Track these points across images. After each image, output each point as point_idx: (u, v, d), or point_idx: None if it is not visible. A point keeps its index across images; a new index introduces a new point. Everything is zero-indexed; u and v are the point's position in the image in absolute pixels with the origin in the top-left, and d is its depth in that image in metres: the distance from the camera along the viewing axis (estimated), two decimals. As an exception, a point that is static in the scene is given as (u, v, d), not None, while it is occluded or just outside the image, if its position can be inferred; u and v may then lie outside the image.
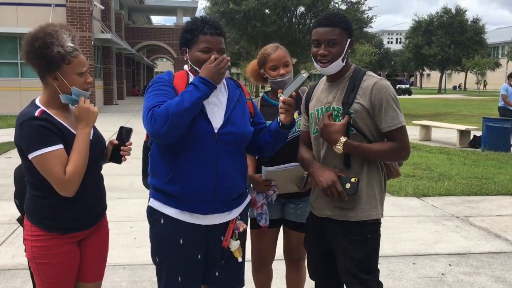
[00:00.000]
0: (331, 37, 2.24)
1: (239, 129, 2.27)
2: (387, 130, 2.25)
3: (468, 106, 28.47)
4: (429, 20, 56.60)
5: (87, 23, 18.81)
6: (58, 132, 2.07)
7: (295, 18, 25.21)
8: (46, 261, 2.15)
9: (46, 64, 2.05)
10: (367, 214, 2.31)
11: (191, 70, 2.29)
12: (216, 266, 2.36)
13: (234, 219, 2.34)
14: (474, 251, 4.66)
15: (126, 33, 31.98)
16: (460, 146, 11.77)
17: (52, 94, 2.13)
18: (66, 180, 2.04)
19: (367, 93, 2.25)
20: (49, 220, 2.14)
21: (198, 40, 2.21)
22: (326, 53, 2.25)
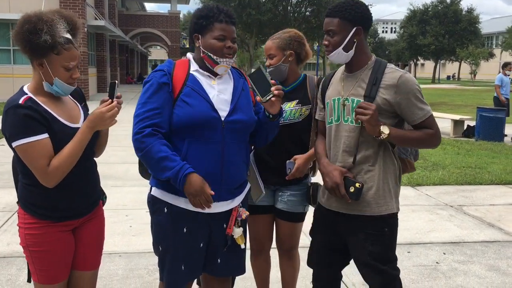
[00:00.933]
0: (329, 27, 2.30)
1: (245, 117, 2.28)
2: (417, 122, 2.27)
3: (462, 96, 28.57)
4: (424, 10, 56.56)
5: (80, 9, 18.60)
6: (43, 121, 2.03)
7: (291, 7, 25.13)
8: (40, 249, 2.14)
9: (30, 49, 2.01)
10: (382, 209, 2.31)
11: (204, 56, 2.24)
12: (218, 254, 2.37)
13: (236, 207, 2.35)
14: (468, 240, 4.70)
15: (119, 20, 31.68)
16: (454, 136, 11.83)
17: (38, 80, 2.09)
18: (48, 172, 2.02)
19: (392, 87, 2.25)
20: (42, 208, 2.13)
21: (213, 27, 2.21)
22: (327, 43, 2.31)
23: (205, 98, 2.20)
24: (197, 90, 2.21)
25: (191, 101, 2.18)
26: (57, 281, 2.21)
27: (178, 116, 2.17)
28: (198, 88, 2.22)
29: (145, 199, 2.31)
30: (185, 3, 37.72)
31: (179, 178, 2.09)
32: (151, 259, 3.98)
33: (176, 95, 2.19)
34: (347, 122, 2.32)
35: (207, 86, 2.25)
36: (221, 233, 2.34)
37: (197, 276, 2.39)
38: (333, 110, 2.38)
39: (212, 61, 2.23)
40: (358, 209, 2.31)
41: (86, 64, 19.39)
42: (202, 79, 2.26)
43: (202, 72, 2.27)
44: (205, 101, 2.19)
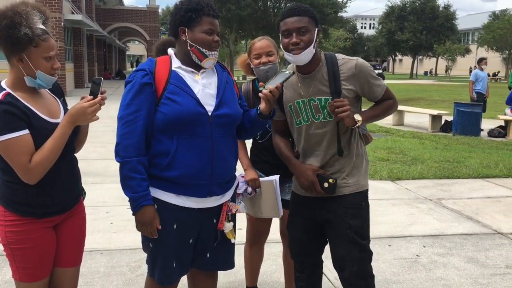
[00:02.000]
0: (301, 25, 2.29)
1: (232, 110, 2.28)
2: (380, 97, 2.47)
3: (439, 91, 29.00)
4: (402, 6, 57.23)
5: (56, 3, 18.26)
6: (24, 117, 1.99)
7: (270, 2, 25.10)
8: (21, 246, 2.10)
9: (11, 45, 1.96)
10: (359, 186, 2.45)
11: (193, 49, 2.21)
12: (207, 248, 2.37)
13: (226, 202, 2.35)
14: (447, 232, 4.78)
15: (97, 15, 31.23)
16: (432, 131, 12.02)
17: (17, 75, 2.04)
18: (29, 169, 1.98)
19: (352, 77, 2.36)
20: (24, 205, 2.08)
21: (201, 21, 2.19)
22: (298, 41, 2.28)
23: (190, 94, 2.18)
24: (181, 87, 2.18)
25: (177, 98, 2.15)
26: (39, 278, 2.17)
27: (165, 114, 2.15)
28: (182, 84, 2.20)
29: (125, 195, 2.29)
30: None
31: (137, 204, 2.15)
32: (133, 255, 3.94)
33: (160, 94, 2.17)
34: (319, 119, 2.39)
35: (191, 81, 2.23)
36: (211, 228, 2.33)
37: (187, 271, 2.38)
38: (300, 111, 2.43)
39: (201, 54, 2.21)
40: (337, 191, 2.41)
41: (63, 59, 19.06)
42: (185, 74, 2.24)
43: (184, 68, 2.25)
44: (190, 97, 2.17)
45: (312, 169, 2.40)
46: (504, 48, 49.80)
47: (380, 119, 2.58)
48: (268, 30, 25.50)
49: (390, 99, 2.51)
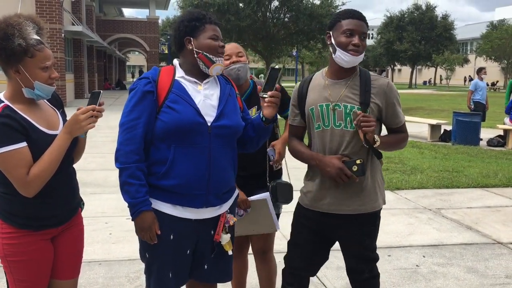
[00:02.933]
0: (365, 30, 2.37)
1: (232, 122, 2.28)
2: (400, 125, 2.49)
3: (438, 101, 29.07)
4: (400, 16, 57.48)
5: (57, 14, 18.37)
6: (22, 129, 1.98)
7: (269, 13, 25.24)
8: (19, 259, 2.09)
9: (5, 57, 1.96)
10: (375, 205, 2.47)
11: (201, 55, 2.23)
12: (205, 260, 2.36)
13: (224, 213, 2.34)
14: (446, 242, 4.77)
15: (97, 26, 31.39)
16: (431, 140, 12.02)
17: (15, 88, 2.04)
18: (27, 182, 1.98)
19: (382, 93, 2.41)
20: (21, 217, 2.08)
21: (205, 28, 2.25)
22: (360, 44, 2.34)
23: (190, 103, 2.19)
24: (182, 96, 2.20)
25: (177, 107, 2.17)
26: None
27: (164, 122, 2.16)
28: (183, 93, 2.21)
29: (124, 206, 2.30)
30: (164, 9, 37.59)
31: (136, 210, 2.15)
32: (132, 266, 3.93)
33: (161, 102, 2.19)
34: (340, 127, 2.39)
35: (193, 91, 2.24)
36: (208, 239, 2.33)
37: (184, 283, 2.37)
38: (321, 115, 2.43)
39: (208, 60, 2.24)
40: (352, 208, 2.42)
41: (63, 70, 19.12)
42: (187, 84, 2.25)
43: (188, 78, 2.26)
44: (190, 107, 2.18)
45: (336, 157, 2.37)
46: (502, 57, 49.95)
47: (391, 149, 2.58)
48: (268, 41, 25.62)
49: (405, 133, 2.53)
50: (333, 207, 2.44)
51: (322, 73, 2.52)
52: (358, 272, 2.52)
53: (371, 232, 2.50)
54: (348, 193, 2.41)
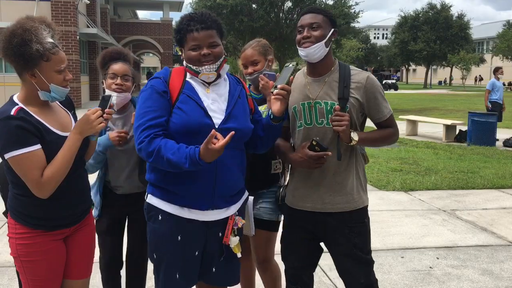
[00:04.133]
0: (314, 21, 2.34)
1: (240, 125, 2.25)
2: (384, 119, 2.44)
3: (454, 101, 28.75)
4: (415, 16, 56.99)
5: (72, 17, 18.59)
6: (36, 132, 2.01)
7: (283, 13, 25.20)
8: (32, 259, 2.12)
9: (23, 62, 1.98)
10: (360, 202, 2.45)
11: (187, 69, 2.25)
12: (214, 262, 2.35)
13: (232, 215, 2.33)
14: (461, 244, 4.71)
15: (112, 28, 31.67)
16: (446, 141, 11.89)
17: (30, 91, 2.06)
18: (42, 183, 2.00)
19: (361, 87, 2.39)
20: (35, 218, 2.10)
21: (186, 39, 2.20)
22: (309, 35, 2.33)
23: (199, 104, 2.19)
24: (192, 97, 2.20)
25: (186, 108, 2.17)
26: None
27: (174, 123, 2.16)
28: (193, 94, 2.21)
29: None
30: (178, 11, 37.79)
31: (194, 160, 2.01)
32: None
33: (173, 102, 2.18)
34: (322, 124, 2.39)
35: (201, 93, 2.24)
36: (216, 242, 2.32)
37: (192, 285, 2.37)
38: (303, 113, 2.42)
39: (194, 72, 2.23)
40: (338, 206, 2.40)
41: (78, 72, 19.33)
42: (197, 86, 2.26)
43: (197, 80, 2.26)
44: (199, 108, 2.18)
45: (301, 148, 2.35)
46: (519, 57, 49.25)
47: (377, 145, 2.57)
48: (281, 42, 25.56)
49: (392, 127, 2.49)
50: (318, 205, 2.43)
51: (303, 71, 2.51)
52: (353, 277, 2.44)
53: (360, 230, 2.44)
54: (331, 191, 2.40)
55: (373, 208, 5.91)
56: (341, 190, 2.40)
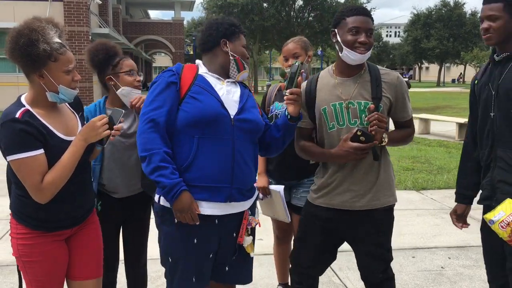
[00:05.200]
0: (370, 26, 2.33)
1: (253, 117, 2.30)
2: (407, 119, 2.51)
3: (467, 99, 28.33)
4: (428, 13, 56.50)
5: (84, 17, 18.72)
6: (39, 136, 1.98)
7: (294, 12, 25.17)
8: (32, 259, 2.11)
9: (31, 62, 1.96)
10: (390, 200, 2.46)
11: (238, 58, 2.34)
12: (227, 262, 2.35)
13: (246, 215, 2.33)
14: (473, 244, 4.66)
15: (123, 28, 31.85)
16: (459, 139, 11.76)
17: (38, 92, 2.04)
18: (41, 188, 1.98)
19: (393, 87, 2.41)
20: (34, 219, 2.09)
21: (240, 36, 2.37)
22: (367, 41, 2.31)
23: (214, 95, 2.22)
24: (206, 88, 2.23)
25: (200, 98, 2.19)
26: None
27: (187, 112, 2.17)
28: (206, 86, 2.24)
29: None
30: (189, 10, 37.87)
31: (175, 190, 2.09)
32: (153, 266, 3.95)
33: (184, 93, 2.20)
34: (355, 124, 2.37)
35: (216, 85, 2.28)
36: (230, 241, 2.32)
37: (206, 286, 2.36)
38: (335, 115, 2.39)
39: (242, 65, 2.35)
40: (366, 203, 2.39)
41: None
42: (211, 79, 2.30)
43: (211, 74, 2.31)
44: (214, 98, 2.21)
45: (342, 141, 2.33)
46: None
47: (398, 145, 2.58)
48: (292, 40, 25.56)
49: (411, 128, 2.55)
50: (347, 203, 2.41)
51: (329, 71, 2.49)
52: (372, 272, 2.48)
53: (386, 229, 2.49)
54: (361, 188, 2.39)
55: (384, 207, 5.89)
56: (372, 188, 2.41)
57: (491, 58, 2.42)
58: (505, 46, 2.32)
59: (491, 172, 2.37)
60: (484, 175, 2.45)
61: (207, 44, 2.34)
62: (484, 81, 2.42)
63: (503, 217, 2.14)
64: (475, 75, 2.58)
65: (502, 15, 2.27)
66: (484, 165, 2.44)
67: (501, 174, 2.31)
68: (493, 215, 2.18)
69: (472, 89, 2.54)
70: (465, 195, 2.63)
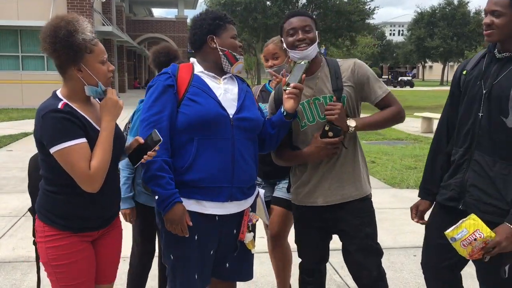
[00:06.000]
0: (306, 23, 2.39)
1: (252, 115, 2.30)
2: (380, 99, 2.45)
3: (471, 98, 28.33)
4: (432, 12, 56.45)
5: (87, 15, 18.74)
6: (82, 126, 1.97)
7: (297, 10, 25.16)
8: (64, 262, 2.03)
9: (72, 54, 1.93)
10: (367, 189, 2.50)
11: (227, 52, 2.30)
12: (227, 258, 2.36)
13: (247, 211, 2.34)
14: (475, 243, 4.63)
15: (127, 26, 31.90)
16: (462, 138, 11.73)
17: (74, 86, 2.01)
18: (91, 175, 1.93)
19: (350, 73, 2.44)
20: (62, 218, 2.03)
21: (227, 27, 2.32)
22: (304, 37, 2.37)
23: (211, 96, 2.21)
24: (203, 89, 2.22)
25: (198, 99, 2.18)
26: None
27: (186, 114, 2.16)
28: (204, 87, 2.23)
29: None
30: (192, 8, 37.88)
31: (169, 202, 2.11)
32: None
33: (182, 95, 2.19)
34: (325, 119, 2.38)
35: (213, 85, 2.27)
36: (231, 238, 2.33)
37: (207, 283, 2.35)
38: (304, 112, 2.45)
39: (233, 58, 2.32)
40: (346, 196, 2.43)
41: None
42: (207, 78, 2.28)
43: (207, 73, 2.29)
44: (212, 99, 2.20)
45: (313, 139, 2.38)
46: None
47: (382, 127, 2.55)
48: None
49: (393, 105, 2.45)
50: (329, 198, 2.43)
51: None
52: (365, 269, 2.43)
53: (369, 219, 2.47)
54: (340, 181, 2.42)
55: (386, 206, 5.86)
56: (349, 179, 2.44)
57: (490, 51, 2.23)
58: (507, 44, 2.16)
59: (463, 174, 2.24)
60: (453, 174, 2.30)
61: (195, 43, 2.32)
62: (475, 75, 2.24)
63: (466, 235, 2.04)
64: (463, 62, 2.43)
65: (507, 11, 2.09)
66: (456, 164, 2.28)
67: (474, 178, 2.19)
68: (456, 233, 2.07)
69: (457, 79, 2.35)
70: (431, 191, 2.43)
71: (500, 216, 2.10)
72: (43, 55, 18.11)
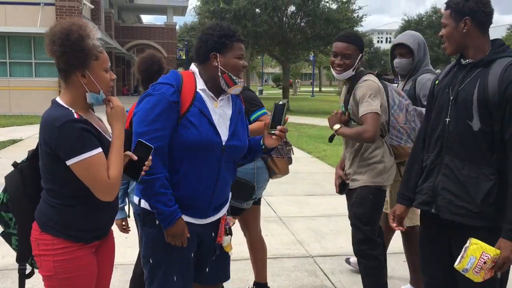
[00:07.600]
0: (347, 52, 2.97)
1: (241, 142, 2.33)
2: (360, 116, 2.94)
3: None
4: (418, 20, 57.02)
5: (76, 22, 18.67)
6: (97, 135, 1.95)
7: (286, 18, 25.27)
8: (73, 275, 2.00)
9: (83, 58, 1.92)
10: (366, 181, 3.06)
11: (225, 75, 2.22)
12: (207, 263, 2.40)
13: (224, 216, 2.40)
14: (464, 248, 4.68)
15: (116, 32, 31.82)
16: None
17: (76, 93, 1.98)
18: (111, 184, 1.92)
19: (356, 90, 3.00)
20: (76, 230, 2.00)
21: (233, 46, 2.22)
22: (341, 63, 2.99)
23: (210, 121, 2.21)
24: (202, 111, 2.20)
25: (197, 123, 2.17)
26: None
27: (183, 136, 2.15)
28: (204, 108, 2.21)
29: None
30: (181, 15, 37.95)
31: (172, 218, 2.15)
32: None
33: (183, 113, 2.16)
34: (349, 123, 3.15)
35: (211, 107, 2.25)
36: (210, 241, 2.37)
37: (190, 287, 2.37)
38: None
39: (231, 81, 2.23)
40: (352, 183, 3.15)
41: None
42: (207, 100, 2.25)
43: (207, 93, 2.26)
44: (209, 125, 2.20)
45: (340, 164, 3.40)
46: (523, 61, 49.15)
47: (350, 138, 3.10)
48: (284, 46, 25.64)
49: (364, 125, 2.88)
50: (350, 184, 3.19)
51: None
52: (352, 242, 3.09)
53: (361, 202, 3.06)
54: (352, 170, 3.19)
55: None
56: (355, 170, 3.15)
57: (457, 60, 2.37)
58: (466, 53, 2.28)
59: (434, 178, 2.31)
60: (425, 178, 2.38)
61: (199, 57, 2.27)
62: (445, 83, 2.35)
63: (475, 262, 2.04)
64: (437, 75, 2.55)
65: (449, 22, 2.27)
66: (428, 169, 2.36)
67: (445, 182, 2.26)
68: (466, 263, 2.06)
69: (431, 89, 2.47)
70: (407, 196, 2.49)
71: (471, 218, 2.17)
72: (31, 61, 18.01)
